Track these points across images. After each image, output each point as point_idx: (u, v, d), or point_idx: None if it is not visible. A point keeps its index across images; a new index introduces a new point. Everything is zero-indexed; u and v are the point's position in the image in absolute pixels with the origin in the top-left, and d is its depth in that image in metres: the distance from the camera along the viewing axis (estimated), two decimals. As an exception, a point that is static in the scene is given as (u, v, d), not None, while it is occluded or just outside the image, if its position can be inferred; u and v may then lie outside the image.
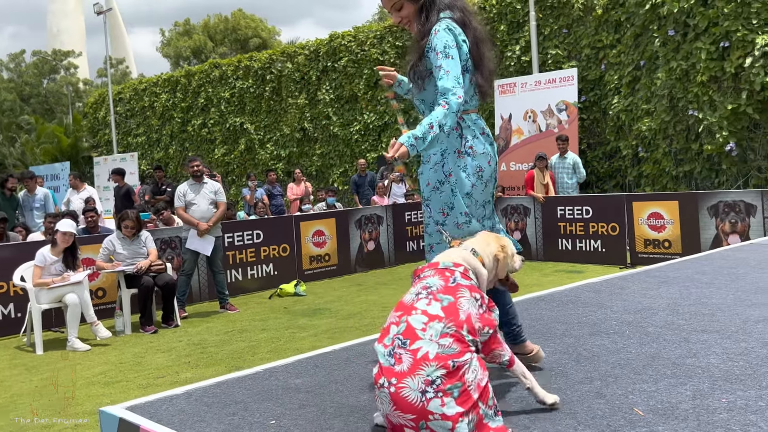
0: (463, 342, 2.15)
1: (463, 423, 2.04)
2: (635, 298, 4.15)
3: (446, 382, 2.07)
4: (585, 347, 3.20)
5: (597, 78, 13.14)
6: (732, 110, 10.19)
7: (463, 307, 2.23)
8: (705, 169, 10.90)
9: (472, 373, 2.12)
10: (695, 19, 10.63)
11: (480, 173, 2.86)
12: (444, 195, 2.89)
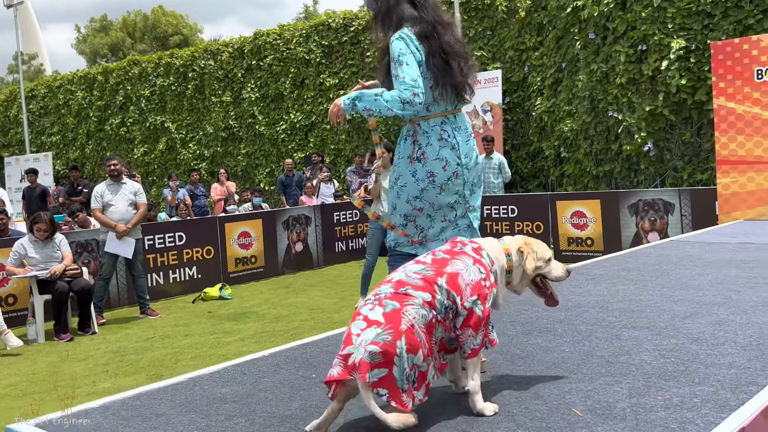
0: (431, 287, 2.26)
1: (371, 331, 2.12)
2: (565, 296, 4.17)
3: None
4: (519, 347, 3.17)
5: (521, 80, 13.37)
6: (649, 112, 10.53)
7: (455, 265, 2.33)
8: (624, 168, 11.23)
9: (413, 310, 2.19)
10: (614, 23, 10.93)
11: (432, 178, 2.90)
12: (391, 195, 3.04)
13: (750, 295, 3.92)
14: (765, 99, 7.58)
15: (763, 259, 5.09)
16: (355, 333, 2.15)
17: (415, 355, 2.14)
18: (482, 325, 2.33)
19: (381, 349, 2.08)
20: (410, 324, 2.16)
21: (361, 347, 2.10)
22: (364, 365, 2.06)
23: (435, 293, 2.26)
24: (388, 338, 2.10)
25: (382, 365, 2.08)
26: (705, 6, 10.01)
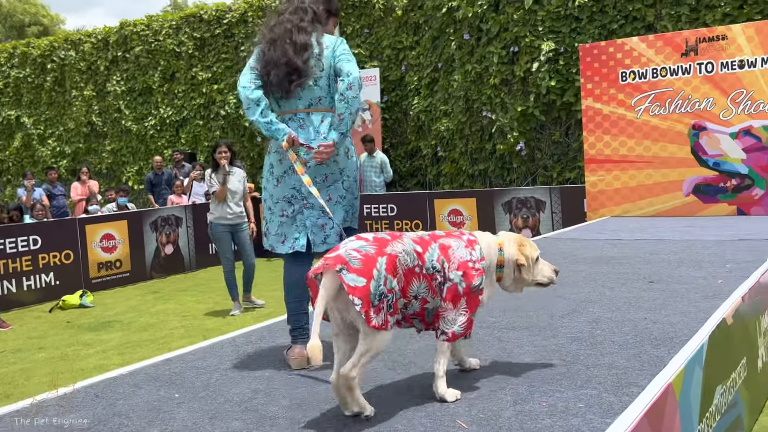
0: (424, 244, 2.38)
1: (358, 242, 2.23)
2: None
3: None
4: (399, 352, 3.01)
5: (398, 79, 13.38)
6: (521, 112, 10.81)
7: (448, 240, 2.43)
8: (498, 167, 11.48)
9: (400, 246, 2.27)
10: (488, 24, 11.14)
11: (271, 170, 3.11)
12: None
13: (622, 291, 3.99)
14: (629, 100, 7.92)
15: (631, 255, 5.25)
16: (343, 242, 2.28)
17: (393, 278, 2.18)
18: (460, 304, 2.37)
19: (362, 256, 2.15)
20: (395, 253, 2.23)
21: (344, 249, 2.20)
22: (339, 258, 2.15)
23: (426, 249, 2.34)
24: (371, 251, 2.19)
25: (360, 273, 2.12)
26: (572, 10, 10.39)
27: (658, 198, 7.83)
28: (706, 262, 4.77)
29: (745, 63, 7.29)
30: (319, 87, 3.06)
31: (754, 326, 3.74)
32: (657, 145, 7.80)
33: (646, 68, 7.80)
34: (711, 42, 7.45)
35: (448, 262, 2.37)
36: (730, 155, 7.43)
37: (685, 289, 3.92)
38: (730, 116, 7.39)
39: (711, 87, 7.47)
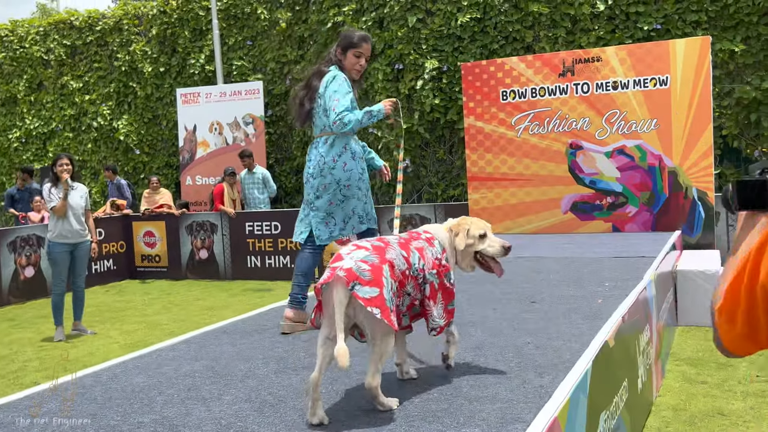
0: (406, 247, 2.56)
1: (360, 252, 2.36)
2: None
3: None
4: (271, 390, 2.73)
5: (283, 92, 13.08)
6: (406, 129, 10.79)
7: (418, 243, 2.62)
8: (384, 184, 11.40)
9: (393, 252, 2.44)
10: (372, 41, 11.05)
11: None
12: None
13: (505, 312, 3.89)
14: (510, 119, 8.02)
15: (513, 273, 5.21)
16: (346, 252, 2.38)
17: (395, 282, 2.37)
18: (438, 299, 2.58)
19: (369, 267, 2.29)
20: (392, 260, 2.41)
21: (351, 259, 2.31)
22: (351, 273, 2.26)
23: (409, 254, 2.52)
24: (376, 260, 2.33)
25: (373, 284, 2.26)
26: (455, 30, 10.50)
27: (537, 215, 7.96)
28: (585, 280, 4.79)
29: (618, 84, 7.55)
30: (319, 118, 3.92)
31: (634, 346, 3.73)
32: (537, 163, 7.93)
33: (526, 88, 7.93)
34: (586, 63, 7.68)
35: (425, 263, 2.57)
36: (605, 174, 7.66)
37: (566, 309, 3.87)
38: (605, 136, 7.63)
39: (587, 107, 7.69)
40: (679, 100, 7.31)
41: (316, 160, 3.89)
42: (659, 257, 5.46)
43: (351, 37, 4.05)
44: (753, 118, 9.16)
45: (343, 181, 3.86)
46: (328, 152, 3.83)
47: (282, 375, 2.92)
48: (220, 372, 2.99)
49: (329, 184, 3.84)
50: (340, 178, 3.85)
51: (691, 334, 5.73)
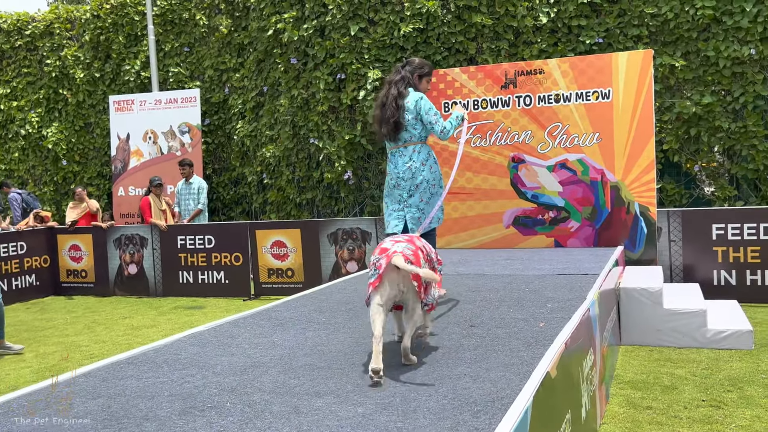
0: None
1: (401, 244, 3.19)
2: (245, 351, 3.50)
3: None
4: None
5: (221, 101, 12.66)
6: (348, 140, 10.51)
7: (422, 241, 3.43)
8: (325, 197, 11.08)
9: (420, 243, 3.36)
10: (314, 49, 10.77)
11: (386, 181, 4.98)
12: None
13: (442, 338, 3.62)
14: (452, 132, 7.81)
15: (453, 292, 4.96)
16: (390, 244, 3.17)
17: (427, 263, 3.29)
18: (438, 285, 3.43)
19: (411, 252, 3.12)
20: (421, 247, 3.28)
21: (400, 247, 3.12)
22: (405, 256, 3.06)
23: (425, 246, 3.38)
24: (412, 248, 3.17)
25: (415, 264, 3.08)
26: (398, 40, 10.29)
27: (479, 230, 7.76)
28: (526, 300, 4.57)
29: (560, 97, 7.43)
30: (407, 131, 4.80)
31: (577, 373, 3.51)
32: (479, 176, 7.74)
33: (468, 99, 7.74)
34: (529, 75, 7.54)
35: (434, 255, 3.50)
36: (548, 188, 7.52)
37: (506, 335, 3.62)
38: (547, 149, 7.49)
39: (529, 120, 7.54)
40: (621, 114, 7.23)
41: (406, 166, 4.80)
42: (602, 274, 5.29)
43: (427, 66, 4.97)
44: (693, 133, 9.20)
45: (431, 181, 4.84)
46: (417, 158, 4.81)
47: (186, 417, 2.57)
48: (115, 413, 2.63)
49: (420, 183, 4.79)
50: (428, 178, 4.82)
51: (635, 354, 5.58)
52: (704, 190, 9.47)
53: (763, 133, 8.96)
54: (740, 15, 8.88)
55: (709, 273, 7.34)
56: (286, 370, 3.11)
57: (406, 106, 4.75)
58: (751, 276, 7.19)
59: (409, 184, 4.79)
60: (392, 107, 4.74)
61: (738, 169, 9.15)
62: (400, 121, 4.72)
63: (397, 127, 4.74)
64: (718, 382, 4.71)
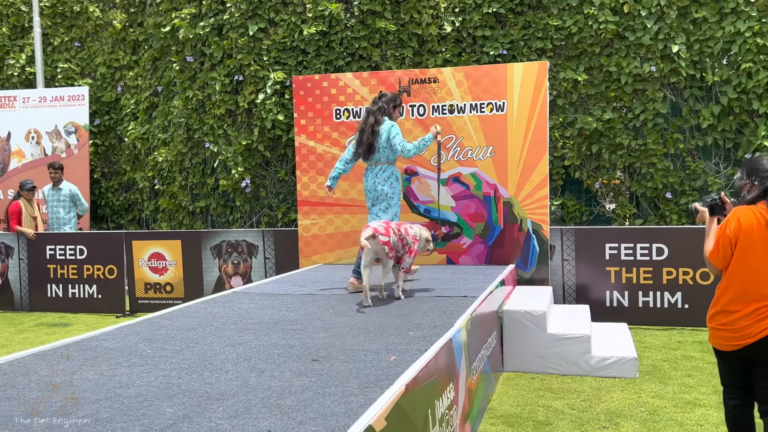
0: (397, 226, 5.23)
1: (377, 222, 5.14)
2: (23, 395, 2.91)
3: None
4: None
5: (113, 100, 11.85)
6: (246, 146, 9.94)
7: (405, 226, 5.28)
8: (220, 205, 10.45)
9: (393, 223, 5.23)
10: (211, 49, 10.17)
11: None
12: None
13: (273, 375, 3.14)
14: (343, 140, 7.38)
15: (311, 317, 4.49)
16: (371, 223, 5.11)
17: (396, 237, 5.04)
18: (412, 255, 5.19)
19: (382, 227, 4.96)
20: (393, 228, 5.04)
21: (376, 224, 4.97)
22: (377, 230, 4.90)
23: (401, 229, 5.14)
24: (384, 225, 5.00)
25: (385, 235, 4.91)
26: (299, 42, 9.81)
27: (371, 245, 7.32)
28: (390, 327, 4.14)
29: (455, 108, 7.10)
30: (378, 152, 5.84)
31: (425, 417, 3.08)
32: (371, 188, 7.31)
33: (361, 107, 7.33)
34: (423, 84, 7.18)
35: (408, 236, 5.14)
36: (441, 202, 7.17)
37: (347, 372, 3.17)
38: (441, 162, 7.14)
39: (423, 131, 7.17)
40: (515, 127, 6.95)
41: (372, 181, 5.91)
42: (480, 297, 4.93)
43: (399, 98, 6.08)
44: (594, 150, 9.06)
45: (389, 194, 5.89)
46: (381, 175, 5.87)
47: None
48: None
49: (379, 195, 5.89)
50: (387, 192, 5.88)
51: (516, 383, 5.24)
52: (605, 208, 9.35)
53: (662, 151, 8.90)
54: (642, 31, 8.81)
55: (602, 294, 7.12)
56: (50, 427, 2.55)
57: (380, 132, 5.74)
58: (644, 298, 7.01)
59: (372, 195, 5.91)
60: (368, 132, 5.77)
61: (638, 187, 9.06)
62: (373, 144, 5.75)
63: (370, 149, 5.78)
64: (594, 417, 4.39)
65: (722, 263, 3.26)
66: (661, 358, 5.80)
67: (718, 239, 3.25)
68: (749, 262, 3.19)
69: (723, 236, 3.23)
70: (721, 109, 8.65)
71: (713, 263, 3.29)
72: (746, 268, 3.20)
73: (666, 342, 6.35)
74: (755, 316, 3.18)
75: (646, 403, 4.64)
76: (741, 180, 3.41)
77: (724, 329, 3.28)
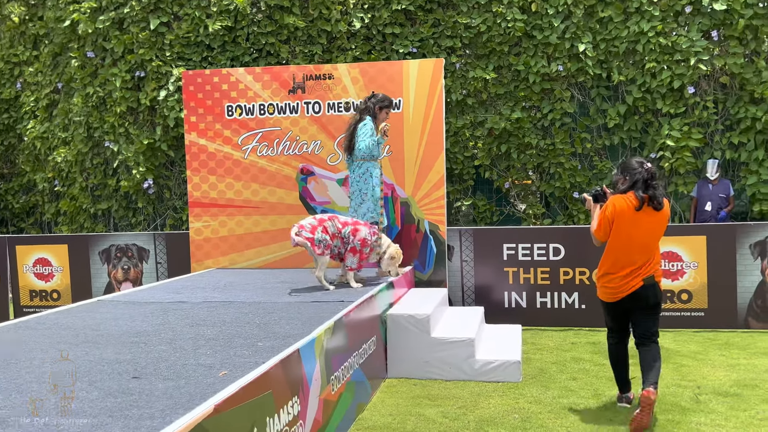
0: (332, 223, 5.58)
1: (308, 219, 5.55)
2: None
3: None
4: None
5: (12, 98, 11.25)
6: (148, 145, 9.52)
7: (352, 227, 5.60)
8: (122, 207, 10.00)
9: (329, 222, 5.53)
10: (111, 43, 9.71)
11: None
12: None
13: (80, 399, 2.83)
14: (236, 138, 7.07)
15: (166, 327, 4.19)
16: (303, 220, 5.47)
17: (326, 234, 5.38)
18: (356, 255, 5.52)
19: (310, 225, 5.37)
20: (325, 225, 5.40)
21: (304, 222, 5.40)
22: (302, 227, 5.34)
23: (344, 226, 5.49)
24: (315, 223, 5.40)
25: (309, 232, 5.33)
26: (204, 38, 9.44)
27: (266, 248, 7.05)
28: (243, 336, 3.87)
29: (351, 105, 6.87)
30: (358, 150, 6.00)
31: (247, 437, 2.82)
32: (265, 189, 7.03)
33: (254, 103, 7.03)
34: (318, 80, 6.93)
35: (354, 236, 5.48)
36: (338, 203, 6.93)
37: (163, 390, 2.88)
38: (338, 161, 6.91)
39: (318, 129, 6.93)
40: (411, 126, 6.76)
41: (351, 177, 6.11)
42: (356, 302, 4.71)
43: (387, 100, 6.15)
44: (503, 149, 8.97)
45: (363, 190, 6.01)
46: (357, 171, 6.01)
47: None
48: None
49: (354, 191, 6.06)
50: (362, 188, 6.01)
51: (397, 390, 5.03)
52: (516, 208, 9.27)
53: (570, 151, 8.87)
54: (549, 30, 8.75)
55: (501, 295, 7.00)
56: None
57: (359, 131, 5.93)
58: (541, 298, 6.91)
59: (351, 190, 6.15)
60: (350, 131, 6.03)
61: (546, 187, 9.01)
62: (352, 141, 5.99)
63: (350, 145, 6.03)
64: (464, 426, 4.21)
65: (603, 237, 4.30)
66: (550, 360, 5.68)
67: (601, 220, 4.28)
68: (623, 237, 4.23)
69: (603, 217, 4.26)
70: (627, 109, 8.66)
71: (597, 237, 4.33)
72: (620, 241, 4.24)
73: (560, 343, 6.25)
74: (628, 277, 4.24)
75: (522, 409, 4.48)
76: (617, 176, 4.44)
77: (607, 286, 4.34)
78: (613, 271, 4.27)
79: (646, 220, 4.17)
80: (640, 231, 4.18)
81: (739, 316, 6.57)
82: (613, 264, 4.26)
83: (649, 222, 4.19)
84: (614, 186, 4.51)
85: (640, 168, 4.21)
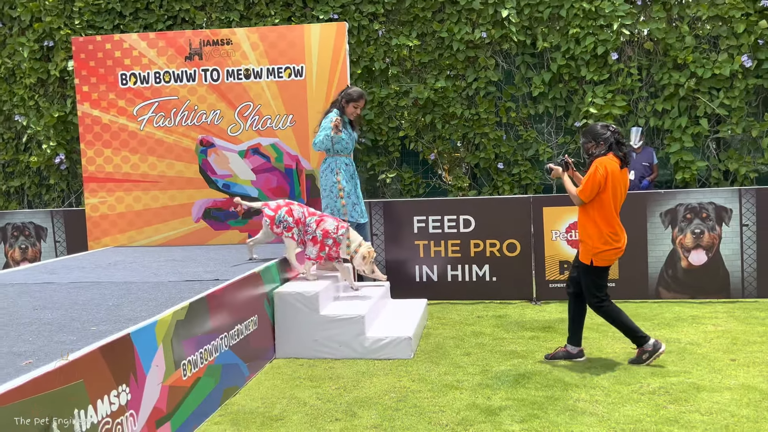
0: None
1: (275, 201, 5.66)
2: None
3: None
4: None
5: None
6: (59, 118, 9.07)
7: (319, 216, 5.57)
8: (35, 184, 9.54)
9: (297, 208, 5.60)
10: (18, 11, 9.18)
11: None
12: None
13: None
14: (131, 108, 6.69)
15: (8, 311, 3.87)
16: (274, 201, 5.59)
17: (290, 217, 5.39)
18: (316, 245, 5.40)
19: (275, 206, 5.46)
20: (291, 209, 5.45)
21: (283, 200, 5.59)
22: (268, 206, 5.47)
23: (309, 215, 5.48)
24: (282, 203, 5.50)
25: (273, 211, 5.43)
26: (115, 5, 8.97)
27: (166, 224, 6.72)
28: (80, 321, 3.57)
29: (251, 72, 6.53)
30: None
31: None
32: (163, 162, 6.69)
33: (149, 71, 6.65)
34: (216, 46, 6.57)
35: (317, 226, 5.39)
36: (240, 176, 6.62)
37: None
38: (238, 132, 6.58)
39: (218, 98, 6.58)
40: (315, 94, 6.45)
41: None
42: (232, 280, 4.43)
43: (355, 93, 5.94)
44: (428, 120, 8.70)
45: (325, 186, 5.97)
46: (323, 167, 5.98)
47: None
48: None
49: (323, 186, 6.00)
50: (324, 184, 5.97)
51: (279, 372, 4.78)
52: (442, 179, 9.04)
53: (495, 121, 8.64)
54: (472, -5, 8.45)
55: (412, 269, 6.78)
56: None
57: (320, 124, 5.89)
58: (452, 271, 6.71)
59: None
60: (318, 125, 5.95)
61: (471, 158, 8.78)
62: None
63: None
64: (334, 408, 3.98)
65: (589, 197, 4.42)
66: (450, 335, 5.48)
67: (588, 181, 4.40)
68: (617, 196, 4.47)
69: (594, 179, 4.38)
70: (552, 77, 8.44)
71: (582, 198, 4.45)
72: (615, 201, 4.46)
73: (466, 317, 6.06)
74: (623, 232, 4.55)
75: (402, 388, 4.27)
76: (587, 143, 4.59)
77: (615, 247, 4.50)
78: (616, 231, 4.49)
79: (623, 178, 4.49)
80: (624, 189, 4.51)
81: (650, 286, 6.44)
82: (609, 224, 4.46)
83: (624, 180, 4.51)
84: (586, 153, 4.66)
85: (607, 131, 4.48)
